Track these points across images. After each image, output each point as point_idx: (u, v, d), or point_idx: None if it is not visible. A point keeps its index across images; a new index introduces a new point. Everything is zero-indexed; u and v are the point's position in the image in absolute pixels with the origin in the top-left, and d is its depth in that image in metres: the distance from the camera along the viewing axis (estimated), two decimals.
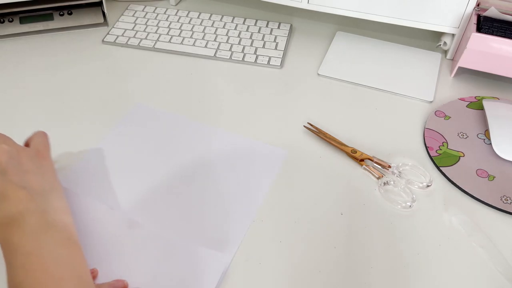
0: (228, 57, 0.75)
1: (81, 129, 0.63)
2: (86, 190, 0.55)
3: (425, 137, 0.62)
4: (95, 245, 0.49)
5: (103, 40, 0.78)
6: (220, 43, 0.78)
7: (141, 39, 0.78)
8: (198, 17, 0.83)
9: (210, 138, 0.62)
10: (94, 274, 0.46)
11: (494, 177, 0.57)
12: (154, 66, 0.74)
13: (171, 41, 0.78)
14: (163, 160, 0.59)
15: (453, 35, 0.74)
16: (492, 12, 0.69)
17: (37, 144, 0.51)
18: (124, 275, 0.46)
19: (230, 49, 0.76)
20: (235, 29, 0.81)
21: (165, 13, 0.85)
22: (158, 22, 0.82)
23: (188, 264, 0.47)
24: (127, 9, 0.86)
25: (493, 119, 0.62)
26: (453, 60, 0.76)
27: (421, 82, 0.72)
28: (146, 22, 0.82)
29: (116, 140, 0.61)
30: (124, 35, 0.79)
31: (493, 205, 0.54)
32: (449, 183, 0.57)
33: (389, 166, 0.58)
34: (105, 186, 0.55)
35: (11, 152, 0.46)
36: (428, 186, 0.56)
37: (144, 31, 0.80)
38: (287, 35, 0.80)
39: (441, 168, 0.58)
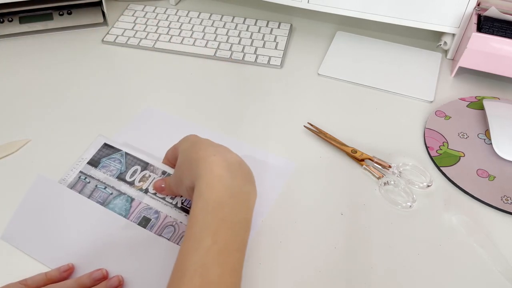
0: (228, 57, 0.75)
1: (80, 129, 0.63)
2: (86, 194, 0.54)
3: (426, 137, 0.62)
4: (97, 246, 0.49)
5: (102, 40, 0.78)
6: (220, 42, 0.78)
7: (141, 39, 0.78)
8: (198, 17, 0.83)
9: None
10: (70, 271, 0.47)
11: (494, 177, 0.57)
12: (154, 66, 0.74)
13: (171, 40, 0.78)
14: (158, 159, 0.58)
15: (453, 35, 0.74)
16: (493, 12, 0.69)
17: None
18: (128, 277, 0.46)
19: (230, 49, 0.76)
20: (235, 28, 0.81)
21: (165, 12, 0.84)
22: (158, 22, 0.82)
23: None
24: (126, 8, 0.86)
25: (493, 119, 0.62)
26: (454, 60, 0.76)
27: (422, 82, 0.71)
28: (146, 22, 0.82)
29: (117, 141, 0.61)
30: (123, 35, 0.79)
31: (493, 205, 0.54)
32: (450, 183, 0.57)
33: (390, 166, 0.58)
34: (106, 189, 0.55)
35: None
36: (428, 186, 0.56)
37: (144, 30, 0.80)
38: (287, 35, 0.80)
39: (441, 168, 0.58)
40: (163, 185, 0.51)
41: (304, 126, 0.63)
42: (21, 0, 0.74)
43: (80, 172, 0.55)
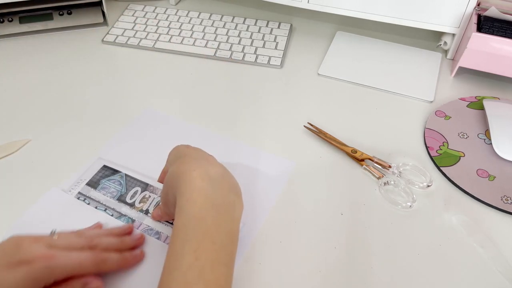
0: (228, 57, 0.75)
1: (80, 129, 0.63)
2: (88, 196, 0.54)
3: (426, 137, 0.62)
4: None
5: (102, 40, 0.78)
6: (220, 42, 0.78)
7: (141, 39, 0.78)
8: (198, 17, 0.83)
9: (217, 146, 0.61)
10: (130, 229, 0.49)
11: (494, 177, 0.57)
12: (154, 66, 0.74)
13: (171, 40, 0.78)
14: (158, 166, 0.58)
15: (453, 35, 0.74)
16: (493, 12, 0.69)
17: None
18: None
19: (230, 49, 0.76)
20: (235, 28, 0.81)
21: (165, 12, 0.84)
22: (158, 22, 0.82)
23: None
24: (126, 8, 0.86)
25: (493, 119, 0.62)
26: (454, 60, 0.76)
27: (422, 82, 0.71)
28: (146, 22, 0.82)
29: (120, 142, 0.61)
30: (123, 34, 0.79)
31: (493, 205, 0.54)
32: (450, 183, 0.57)
33: (390, 166, 0.58)
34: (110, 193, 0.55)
35: None
36: (428, 186, 0.56)
37: (144, 30, 0.80)
38: (287, 35, 0.80)
39: (441, 168, 0.58)
40: (160, 213, 0.51)
41: (304, 126, 0.63)
42: (21, 0, 0.74)
43: (79, 193, 0.54)
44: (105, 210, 0.52)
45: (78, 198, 0.53)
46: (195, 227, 0.38)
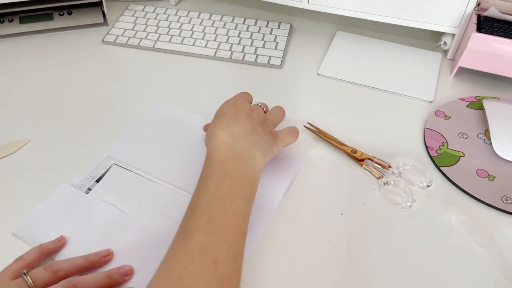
0: (228, 57, 0.75)
1: (80, 129, 0.63)
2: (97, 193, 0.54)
3: (425, 137, 0.62)
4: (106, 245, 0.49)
5: (103, 40, 0.78)
6: (220, 43, 0.78)
7: (141, 39, 0.78)
8: (198, 17, 0.83)
9: None
10: (63, 241, 0.48)
11: (494, 177, 0.57)
12: (154, 66, 0.74)
13: (171, 41, 0.78)
14: (169, 164, 0.58)
15: (453, 35, 0.74)
16: (492, 12, 0.69)
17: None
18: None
19: (230, 49, 0.76)
20: (235, 29, 0.81)
21: (165, 13, 0.85)
22: (158, 22, 0.82)
23: None
24: (127, 9, 0.86)
25: (493, 119, 0.62)
26: (453, 60, 0.76)
27: (421, 82, 0.72)
28: (146, 22, 0.82)
29: (125, 140, 0.61)
30: (124, 35, 0.79)
31: (493, 205, 0.54)
32: (449, 183, 0.57)
33: (389, 166, 0.58)
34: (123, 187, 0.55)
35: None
36: (428, 186, 0.56)
37: (144, 31, 0.80)
38: (287, 35, 0.80)
39: (441, 168, 0.58)
40: None
41: (304, 126, 0.64)
42: (21, 0, 0.74)
43: (88, 189, 0.54)
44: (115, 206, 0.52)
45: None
46: (217, 168, 0.46)
